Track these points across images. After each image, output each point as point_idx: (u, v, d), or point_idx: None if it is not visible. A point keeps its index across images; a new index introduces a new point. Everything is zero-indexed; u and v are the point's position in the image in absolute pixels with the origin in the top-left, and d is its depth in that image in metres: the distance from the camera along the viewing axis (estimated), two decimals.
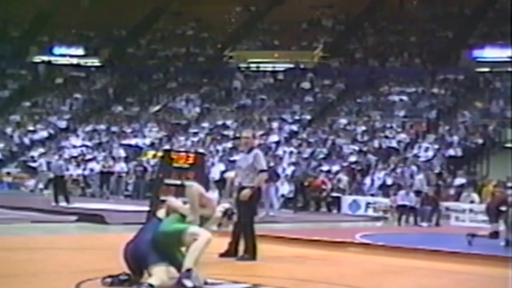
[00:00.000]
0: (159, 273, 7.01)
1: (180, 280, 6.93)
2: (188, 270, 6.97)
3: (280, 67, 40.09)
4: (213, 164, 29.04)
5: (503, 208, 13.51)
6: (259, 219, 18.79)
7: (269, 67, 40.47)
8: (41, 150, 33.49)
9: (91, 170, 29.69)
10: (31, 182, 30.01)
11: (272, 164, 24.41)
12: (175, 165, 14.29)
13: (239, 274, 8.51)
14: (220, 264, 9.29)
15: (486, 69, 35.87)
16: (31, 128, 36.47)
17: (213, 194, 7.56)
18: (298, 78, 38.46)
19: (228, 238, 10.08)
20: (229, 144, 32.13)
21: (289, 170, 28.79)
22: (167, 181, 14.48)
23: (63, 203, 21.03)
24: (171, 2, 46.02)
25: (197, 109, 37.15)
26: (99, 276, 7.92)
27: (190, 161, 14.24)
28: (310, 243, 12.66)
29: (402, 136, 31.31)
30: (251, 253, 9.88)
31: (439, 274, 10.17)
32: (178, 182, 14.27)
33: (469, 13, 40.86)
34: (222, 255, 9.83)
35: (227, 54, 42.57)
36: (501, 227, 13.80)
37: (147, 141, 33.98)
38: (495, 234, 13.18)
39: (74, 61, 43.35)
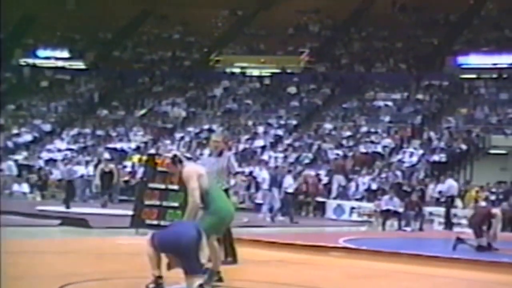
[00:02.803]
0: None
1: None
2: None
3: (266, 71, 40.14)
4: None
5: (485, 227, 13.60)
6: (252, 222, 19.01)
7: (255, 71, 40.49)
8: (25, 153, 33.31)
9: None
10: (15, 186, 29.80)
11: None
12: (160, 169, 14.29)
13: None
14: None
15: (471, 76, 36.10)
16: (15, 131, 36.26)
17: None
18: (284, 83, 38.50)
19: None
20: None
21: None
22: (151, 185, 14.50)
23: (55, 207, 20.87)
24: (157, 5, 45.97)
25: (183, 113, 37.10)
26: (82, 280, 7.93)
27: None
28: (293, 247, 12.70)
29: (387, 141, 31.42)
30: (232, 257, 9.91)
31: (421, 278, 10.24)
32: (162, 186, 14.29)
33: (454, 20, 41.11)
34: None
35: (213, 58, 42.56)
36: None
37: (133, 145, 33.90)
38: (481, 248, 13.27)
39: (59, 64, 43.12)
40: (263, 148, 32.33)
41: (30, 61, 43.37)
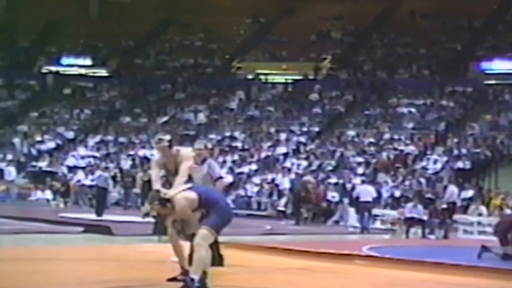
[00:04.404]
0: None
1: None
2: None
3: (288, 78, 40.09)
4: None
5: (511, 235, 13.41)
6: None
7: (277, 78, 40.47)
8: (48, 160, 33.48)
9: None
10: (38, 193, 29.99)
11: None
12: None
13: (244, 286, 8.47)
14: (221, 276, 9.18)
15: (495, 81, 35.79)
16: (39, 138, 36.49)
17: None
18: (306, 90, 38.44)
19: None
20: (236, 156, 32.13)
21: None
22: None
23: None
24: (179, 12, 46.15)
25: (205, 120, 37.14)
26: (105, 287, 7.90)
27: None
28: (316, 255, 12.60)
29: (411, 148, 31.21)
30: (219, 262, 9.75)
31: (446, 287, 10.10)
32: None
33: (478, 25, 40.83)
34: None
35: (235, 65, 42.62)
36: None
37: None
38: (507, 257, 13.09)
39: (82, 71, 43.41)
40: (286, 155, 32.23)
41: (53, 68, 43.68)
